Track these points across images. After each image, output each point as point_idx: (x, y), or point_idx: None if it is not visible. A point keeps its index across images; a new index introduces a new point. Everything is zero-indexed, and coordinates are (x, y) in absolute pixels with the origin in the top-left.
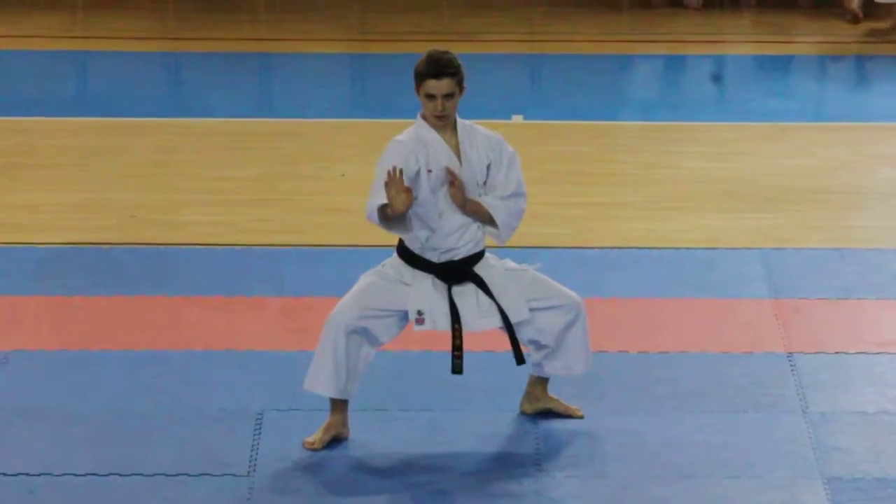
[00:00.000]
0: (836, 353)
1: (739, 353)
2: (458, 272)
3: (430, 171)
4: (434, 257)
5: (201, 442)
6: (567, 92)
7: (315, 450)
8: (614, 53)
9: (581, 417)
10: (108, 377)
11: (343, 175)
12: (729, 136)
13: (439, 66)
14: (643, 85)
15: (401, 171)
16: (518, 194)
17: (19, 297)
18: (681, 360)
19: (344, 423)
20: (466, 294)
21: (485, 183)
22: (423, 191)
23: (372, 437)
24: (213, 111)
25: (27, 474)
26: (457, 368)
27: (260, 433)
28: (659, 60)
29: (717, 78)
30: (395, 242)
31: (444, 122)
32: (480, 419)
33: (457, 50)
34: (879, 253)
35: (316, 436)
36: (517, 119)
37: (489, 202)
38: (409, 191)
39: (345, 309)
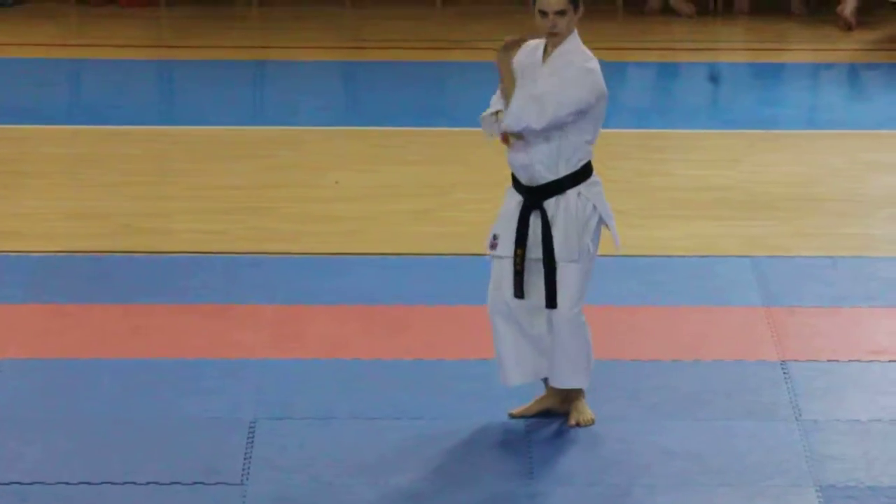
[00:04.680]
0: (829, 360)
1: (732, 361)
2: (537, 198)
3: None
4: (523, 178)
5: (194, 450)
6: None
7: (520, 416)
8: (608, 61)
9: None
10: (101, 385)
11: (337, 183)
12: (722, 143)
13: None
14: (636, 92)
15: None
16: (546, 100)
17: (12, 306)
18: (673, 368)
19: (555, 397)
20: (539, 223)
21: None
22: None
23: (363, 446)
24: (207, 119)
25: (20, 483)
26: (517, 291)
27: (253, 442)
28: (652, 68)
29: (714, 79)
30: (386, 251)
31: (556, 40)
32: (472, 427)
33: (452, 58)
34: (872, 261)
35: (525, 405)
36: None
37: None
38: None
39: (489, 294)
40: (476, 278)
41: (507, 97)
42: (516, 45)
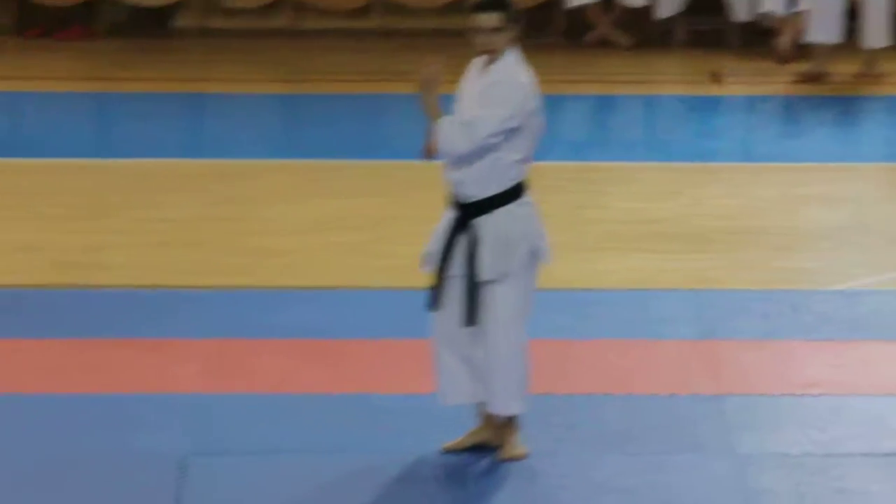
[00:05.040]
0: (762, 394)
1: (666, 395)
2: (468, 215)
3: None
4: (457, 195)
5: (127, 486)
6: None
7: (453, 450)
8: (545, 93)
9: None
10: (33, 422)
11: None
12: (658, 176)
13: (485, 1)
14: (573, 125)
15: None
16: (473, 124)
17: None
18: (607, 402)
19: (487, 430)
20: (466, 241)
21: None
22: None
23: (301, 481)
24: (144, 151)
25: None
26: (432, 304)
27: (186, 477)
28: (589, 100)
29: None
30: (321, 284)
31: (491, 57)
32: (409, 461)
33: (390, 90)
34: (806, 294)
35: (458, 438)
36: None
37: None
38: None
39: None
40: (411, 312)
41: (432, 126)
42: (434, 78)
